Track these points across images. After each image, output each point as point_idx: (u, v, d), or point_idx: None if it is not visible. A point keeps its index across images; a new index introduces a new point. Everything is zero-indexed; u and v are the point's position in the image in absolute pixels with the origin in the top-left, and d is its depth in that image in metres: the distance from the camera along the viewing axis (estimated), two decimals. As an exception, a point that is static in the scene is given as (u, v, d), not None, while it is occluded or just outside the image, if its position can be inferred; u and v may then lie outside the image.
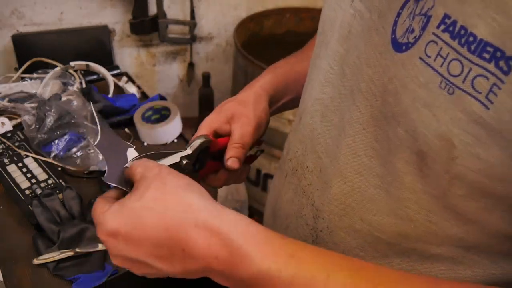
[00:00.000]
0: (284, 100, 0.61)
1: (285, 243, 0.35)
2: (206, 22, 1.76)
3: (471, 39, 0.28)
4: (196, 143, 0.49)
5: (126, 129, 1.08)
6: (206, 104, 1.83)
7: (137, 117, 1.05)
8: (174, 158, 0.47)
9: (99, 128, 0.47)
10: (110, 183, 0.43)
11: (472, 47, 0.28)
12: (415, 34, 0.32)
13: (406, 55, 0.33)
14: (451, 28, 0.29)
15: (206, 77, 1.77)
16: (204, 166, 0.52)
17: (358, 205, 0.41)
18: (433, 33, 0.30)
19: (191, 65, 1.82)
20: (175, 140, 1.06)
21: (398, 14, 0.34)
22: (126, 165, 0.43)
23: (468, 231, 0.35)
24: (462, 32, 0.29)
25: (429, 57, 0.31)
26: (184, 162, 0.48)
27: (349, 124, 0.40)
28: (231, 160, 0.51)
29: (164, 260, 0.35)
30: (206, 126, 0.54)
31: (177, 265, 0.35)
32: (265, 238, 0.34)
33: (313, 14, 1.83)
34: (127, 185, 0.43)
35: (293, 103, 0.63)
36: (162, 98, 1.14)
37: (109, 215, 0.37)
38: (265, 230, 0.35)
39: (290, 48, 2.04)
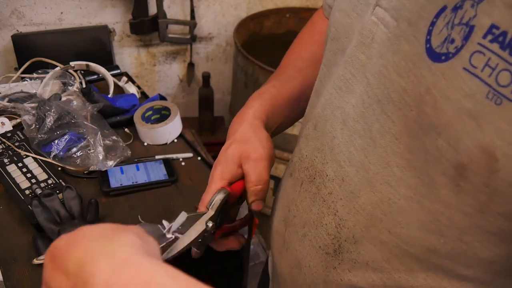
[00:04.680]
0: (276, 126, 0.60)
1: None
2: (206, 22, 1.76)
3: None
4: (217, 201, 0.48)
5: (126, 129, 1.08)
6: (206, 104, 1.83)
7: (137, 117, 1.05)
8: (201, 227, 0.46)
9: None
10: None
11: None
12: (456, 44, 0.31)
13: (447, 65, 0.32)
14: (500, 39, 0.29)
15: (206, 77, 1.77)
16: (223, 223, 0.51)
17: (387, 216, 0.40)
18: (479, 43, 0.30)
19: (191, 65, 1.82)
20: (175, 140, 1.06)
21: (433, 23, 0.33)
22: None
23: (499, 255, 0.35)
24: None
25: (475, 67, 0.30)
26: (210, 225, 0.47)
27: (380, 134, 0.39)
28: (256, 204, 0.52)
29: None
30: (219, 180, 0.53)
31: None
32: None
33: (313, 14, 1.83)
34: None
35: (282, 127, 0.62)
36: (162, 98, 1.14)
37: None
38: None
39: (290, 48, 1.98)
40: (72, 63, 1.20)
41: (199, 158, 1.02)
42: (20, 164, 0.93)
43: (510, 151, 0.29)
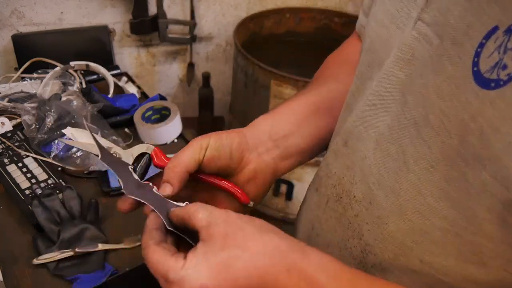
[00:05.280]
0: (281, 134, 0.52)
1: (374, 285, 0.35)
2: (206, 22, 1.76)
3: None
4: (137, 150, 0.47)
5: (126, 129, 1.08)
6: (206, 104, 1.83)
7: (137, 117, 1.05)
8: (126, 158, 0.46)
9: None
10: (131, 196, 0.43)
11: None
12: (508, 71, 0.29)
13: (496, 93, 0.29)
14: None
15: (206, 77, 1.77)
16: (144, 176, 0.47)
17: (418, 246, 0.38)
18: None
19: (191, 65, 1.82)
20: (175, 140, 1.06)
21: (481, 45, 0.30)
22: (172, 209, 0.42)
23: None
24: None
25: None
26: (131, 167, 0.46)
27: (414, 159, 0.36)
28: (163, 186, 0.44)
29: None
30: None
31: None
32: (354, 281, 0.35)
33: (313, 14, 1.83)
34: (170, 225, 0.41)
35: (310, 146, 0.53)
36: (162, 98, 1.14)
37: (192, 270, 0.35)
38: (350, 270, 0.36)
39: (290, 48, 2.03)
40: (72, 63, 1.20)
41: (199, 158, 1.02)
42: (20, 164, 0.93)
43: None
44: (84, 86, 1.17)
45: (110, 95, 1.16)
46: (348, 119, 0.46)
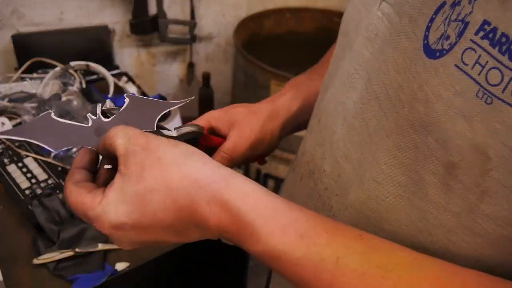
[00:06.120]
0: (302, 120, 0.59)
1: (296, 219, 0.34)
2: (206, 22, 1.76)
3: None
4: (186, 129, 0.44)
5: (126, 129, 1.08)
6: (206, 104, 1.83)
7: (137, 117, 1.05)
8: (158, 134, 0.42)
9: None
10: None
11: None
12: (450, 40, 0.31)
13: (440, 62, 0.31)
14: (491, 35, 0.28)
15: (206, 77, 1.76)
16: None
17: (374, 214, 0.40)
18: (471, 40, 0.29)
19: (191, 65, 1.82)
20: (175, 140, 1.06)
21: (432, 20, 0.33)
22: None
23: (485, 255, 0.34)
24: (503, 39, 0.27)
25: (466, 65, 0.30)
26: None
27: (376, 131, 0.39)
28: None
29: (178, 235, 0.35)
30: (205, 119, 0.53)
31: (192, 236, 0.36)
32: (274, 212, 0.34)
33: (313, 14, 1.83)
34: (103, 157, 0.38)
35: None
36: (162, 98, 1.14)
37: (109, 206, 0.34)
38: (275, 202, 0.35)
39: (290, 48, 2.03)
40: (72, 63, 1.21)
41: (199, 158, 1.02)
42: (20, 164, 0.93)
43: (503, 151, 0.29)
44: (84, 86, 1.17)
45: (110, 95, 1.16)
46: (324, 98, 0.49)
